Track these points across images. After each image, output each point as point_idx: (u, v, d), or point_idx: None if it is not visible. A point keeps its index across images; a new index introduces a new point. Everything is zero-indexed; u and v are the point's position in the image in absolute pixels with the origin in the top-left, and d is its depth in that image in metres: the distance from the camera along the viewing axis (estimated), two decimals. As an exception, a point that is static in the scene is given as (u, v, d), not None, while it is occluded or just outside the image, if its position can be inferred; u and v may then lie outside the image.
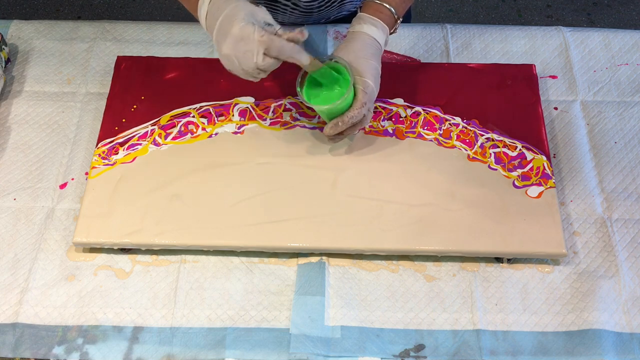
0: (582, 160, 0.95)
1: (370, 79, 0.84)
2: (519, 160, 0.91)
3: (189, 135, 0.93)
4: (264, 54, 0.78)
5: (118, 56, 1.01)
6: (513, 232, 0.85)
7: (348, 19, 1.14)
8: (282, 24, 1.13)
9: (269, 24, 0.79)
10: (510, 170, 0.90)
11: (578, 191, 0.92)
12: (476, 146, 0.92)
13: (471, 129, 0.94)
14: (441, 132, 0.94)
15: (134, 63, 1.00)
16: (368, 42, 0.86)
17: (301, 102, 0.94)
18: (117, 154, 0.91)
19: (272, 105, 0.96)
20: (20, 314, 0.82)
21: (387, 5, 0.87)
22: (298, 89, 0.85)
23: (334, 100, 0.84)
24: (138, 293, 0.84)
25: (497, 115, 0.95)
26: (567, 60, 1.05)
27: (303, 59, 0.80)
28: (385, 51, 1.05)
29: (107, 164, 0.90)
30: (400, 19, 0.90)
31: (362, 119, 0.85)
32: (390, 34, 0.90)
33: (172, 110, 0.95)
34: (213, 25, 0.80)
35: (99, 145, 0.92)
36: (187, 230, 0.85)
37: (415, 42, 1.07)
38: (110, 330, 0.81)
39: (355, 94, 0.84)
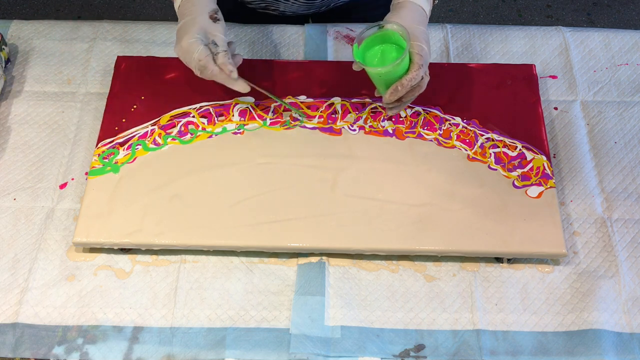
0: (582, 160, 0.95)
1: (424, 43, 0.86)
2: (519, 160, 0.91)
3: (189, 135, 0.93)
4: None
5: (118, 56, 1.01)
6: (513, 232, 0.85)
7: (347, 11, 1.14)
8: (284, 14, 1.13)
9: (215, 44, 0.84)
10: (510, 170, 0.90)
11: (578, 191, 0.92)
12: (476, 146, 0.92)
13: (471, 129, 0.94)
14: (441, 132, 0.94)
15: (134, 63, 1.00)
16: (416, 10, 0.89)
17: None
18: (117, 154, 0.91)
19: (272, 105, 0.96)
20: (20, 314, 0.82)
21: None
22: (354, 55, 0.85)
23: (389, 62, 0.84)
24: (138, 293, 0.84)
25: (497, 115, 0.95)
26: (567, 60, 1.05)
27: (237, 87, 0.87)
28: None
29: (107, 164, 0.90)
30: None
31: (420, 82, 0.86)
32: (434, 3, 0.94)
33: (172, 110, 0.95)
34: (179, 21, 0.89)
35: (99, 145, 0.92)
36: (187, 230, 0.85)
37: (415, 42, 1.07)
38: (110, 330, 0.81)
39: (411, 58, 0.84)
